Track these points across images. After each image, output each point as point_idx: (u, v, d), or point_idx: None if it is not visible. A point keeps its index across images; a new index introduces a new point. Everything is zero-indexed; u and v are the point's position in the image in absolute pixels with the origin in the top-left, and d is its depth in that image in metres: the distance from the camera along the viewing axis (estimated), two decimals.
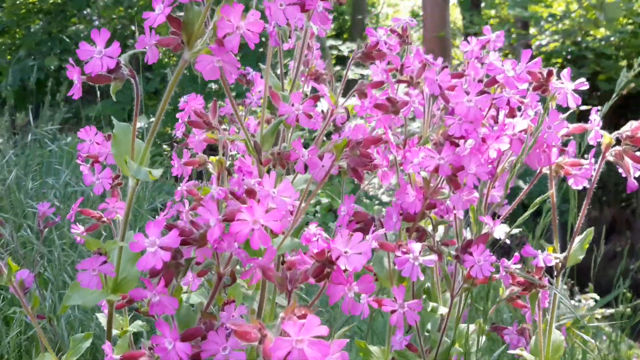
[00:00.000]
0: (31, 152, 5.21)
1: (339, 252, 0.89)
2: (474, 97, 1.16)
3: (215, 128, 1.52)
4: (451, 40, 7.31)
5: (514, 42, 8.10)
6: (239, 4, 0.97)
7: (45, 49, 8.29)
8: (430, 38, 7.25)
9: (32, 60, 8.37)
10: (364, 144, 1.21)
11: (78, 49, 1.08)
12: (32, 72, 8.22)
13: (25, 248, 2.88)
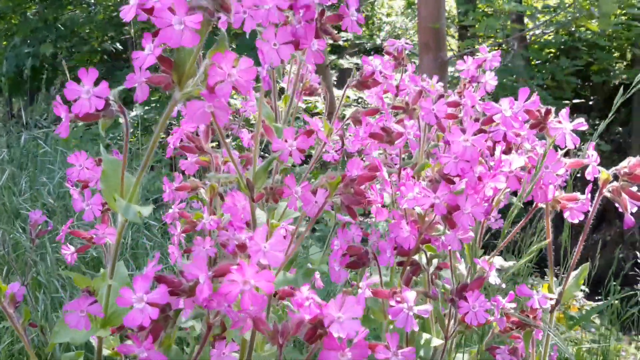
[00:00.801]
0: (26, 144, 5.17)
1: (331, 319, 0.87)
2: (470, 136, 1.13)
3: (207, 152, 1.49)
4: (445, 31, 7.23)
5: (509, 33, 8.05)
6: (231, 52, 0.95)
7: (40, 35, 8.20)
8: (425, 28, 7.18)
9: (27, 47, 8.29)
10: (358, 181, 1.19)
11: (65, 88, 1.05)
12: (28, 59, 8.15)
13: (17, 251, 2.85)
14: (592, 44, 10.10)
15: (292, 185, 1.19)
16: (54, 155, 4.89)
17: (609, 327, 3.52)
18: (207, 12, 0.97)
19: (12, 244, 3.06)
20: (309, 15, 1.10)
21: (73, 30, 8.50)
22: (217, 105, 0.97)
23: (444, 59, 7.31)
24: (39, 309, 2.44)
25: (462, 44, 8.07)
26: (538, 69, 9.91)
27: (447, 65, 7.55)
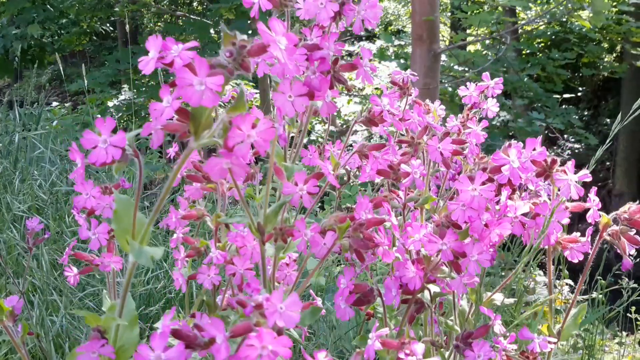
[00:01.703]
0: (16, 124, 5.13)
1: None
2: (479, 186, 1.16)
3: (212, 181, 1.51)
4: (439, 24, 7.23)
5: (502, 28, 8.06)
6: (250, 114, 0.96)
7: (28, 16, 8.12)
8: (419, 22, 7.17)
9: (14, 28, 8.20)
10: (367, 225, 1.21)
11: (82, 138, 1.06)
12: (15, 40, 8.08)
13: (11, 253, 2.85)
14: (583, 36, 10.16)
15: (302, 228, 1.21)
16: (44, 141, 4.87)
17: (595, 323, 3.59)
18: (227, 70, 0.98)
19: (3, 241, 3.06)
20: (324, 67, 1.11)
21: (62, 11, 8.41)
22: (236, 162, 0.98)
23: (437, 51, 7.32)
24: (34, 314, 2.45)
25: (456, 37, 8.07)
26: (529, 61, 9.95)
27: (440, 57, 7.56)
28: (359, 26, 1.12)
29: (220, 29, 1.01)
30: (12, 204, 3.30)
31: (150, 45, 1.02)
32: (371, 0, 1.12)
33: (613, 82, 12.78)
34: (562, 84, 10.20)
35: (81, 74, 11.71)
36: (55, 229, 3.38)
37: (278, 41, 0.95)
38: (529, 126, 8.33)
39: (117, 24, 11.82)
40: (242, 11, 7.75)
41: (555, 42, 10.99)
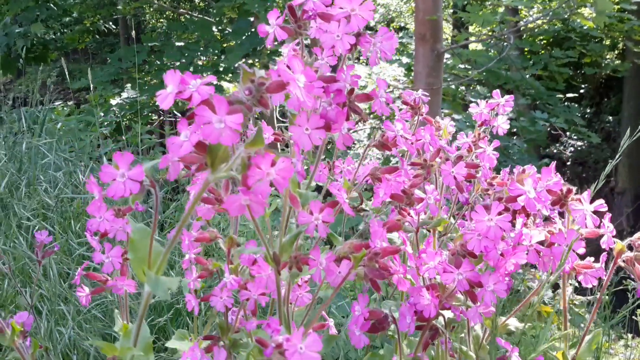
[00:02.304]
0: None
1: None
2: (495, 217, 1.16)
3: (223, 202, 1.50)
4: (442, 23, 7.21)
5: (505, 27, 8.05)
6: (270, 154, 0.96)
7: (31, 15, 8.10)
8: (422, 20, 7.15)
9: (18, 27, 8.19)
10: (382, 255, 1.21)
11: (100, 171, 1.06)
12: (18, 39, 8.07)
13: (17, 262, 2.86)
14: (584, 35, 10.14)
15: (317, 256, 1.21)
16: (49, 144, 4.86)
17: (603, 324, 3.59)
18: (245, 106, 0.98)
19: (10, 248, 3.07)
20: (340, 99, 1.11)
21: (65, 9, 8.40)
22: (254, 200, 0.98)
23: (440, 51, 7.31)
24: (43, 325, 2.46)
25: (459, 37, 8.06)
26: (532, 59, 9.93)
27: (443, 56, 7.55)
28: (375, 58, 1.12)
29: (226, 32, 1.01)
30: (17, 209, 3.30)
31: (168, 80, 1.02)
32: (387, 33, 1.11)
33: (615, 79, 12.78)
34: (564, 82, 10.19)
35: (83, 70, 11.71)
36: (61, 234, 3.38)
37: (297, 79, 0.95)
38: (532, 125, 8.32)
39: (119, 20, 11.81)
40: (244, 10, 7.73)
41: (557, 41, 10.97)
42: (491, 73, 8.55)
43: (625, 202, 12.78)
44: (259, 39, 7.95)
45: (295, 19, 1.20)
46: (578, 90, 12.95)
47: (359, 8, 1.08)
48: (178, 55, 8.25)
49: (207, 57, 8.52)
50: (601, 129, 14.34)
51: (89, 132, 6.66)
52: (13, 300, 2.73)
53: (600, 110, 14.76)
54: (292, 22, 1.20)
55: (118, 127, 8.08)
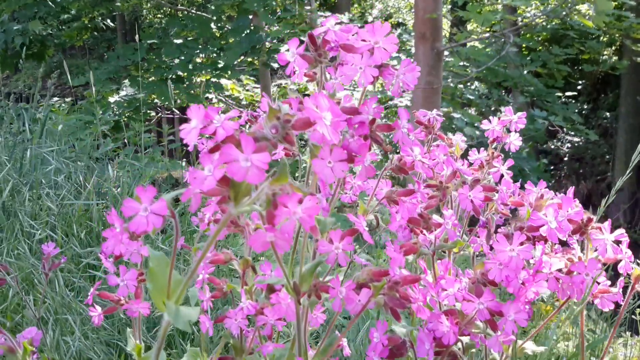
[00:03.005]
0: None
1: None
2: (517, 247, 1.16)
3: (242, 227, 1.50)
4: (442, 22, 7.20)
5: (505, 26, 8.05)
6: (297, 193, 0.95)
7: (30, 12, 8.07)
8: (422, 19, 7.14)
9: (16, 24, 8.15)
10: (403, 283, 1.21)
11: (123, 206, 1.05)
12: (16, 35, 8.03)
13: (21, 272, 2.85)
14: (583, 32, 10.14)
15: (337, 285, 1.21)
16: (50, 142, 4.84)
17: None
18: (271, 143, 0.98)
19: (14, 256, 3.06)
20: (363, 131, 1.11)
21: (63, 6, 8.36)
22: (280, 237, 0.98)
23: (440, 49, 7.31)
24: (49, 336, 2.45)
25: (459, 36, 8.05)
26: (530, 56, 9.94)
27: (443, 55, 7.55)
28: (398, 89, 1.12)
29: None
30: (21, 215, 3.29)
31: (192, 114, 1.01)
32: (409, 65, 1.11)
33: (613, 75, 12.80)
34: (562, 79, 10.19)
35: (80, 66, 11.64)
36: (63, 238, 3.38)
37: (324, 117, 0.95)
38: (531, 123, 8.33)
39: (117, 17, 11.77)
40: (244, 9, 7.71)
41: (555, 38, 10.97)
42: (490, 71, 8.56)
43: (622, 198, 12.84)
44: (257, 36, 7.93)
45: (315, 47, 1.19)
46: (576, 87, 12.96)
47: (383, 41, 1.07)
48: (177, 52, 8.23)
49: (206, 54, 8.51)
50: (598, 125, 14.37)
51: (88, 131, 6.64)
52: (17, 309, 2.72)
53: (597, 107, 14.79)
54: (312, 51, 1.20)
55: (117, 125, 8.07)
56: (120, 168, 4.94)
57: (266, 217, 1.01)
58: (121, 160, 5.60)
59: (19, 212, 3.50)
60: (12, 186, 3.62)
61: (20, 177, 4.01)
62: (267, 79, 9.57)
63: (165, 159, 7.15)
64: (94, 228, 3.59)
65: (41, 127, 4.52)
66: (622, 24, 8.87)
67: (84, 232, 3.24)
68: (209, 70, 8.12)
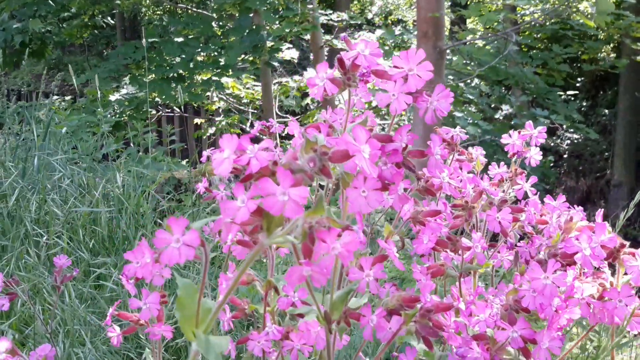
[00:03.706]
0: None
1: None
2: (551, 274, 1.14)
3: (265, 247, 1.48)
4: (444, 21, 7.18)
5: (508, 26, 8.03)
6: (336, 228, 0.93)
7: (30, 11, 8.02)
8: (424, 18, 7.12)
9: (16, 22, 8.11)
10: (435, 311, 1.19)
11: (155, 238, 1.03)
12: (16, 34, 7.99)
13: (30, 282, 2.82)
14: (583, 32, 10.11)
15: (367, 313, 1.19)
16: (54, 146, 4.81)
17: None
18: (306, 174, 0.96)
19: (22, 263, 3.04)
20: (397, 158, 1.09)
21: (63, 4, 8.31)
22: (317, 271, 0.96)
23: (442, 48, 7.28)
24: (59, 348, 2.43)
25: (462, 34, 8.03)
26: (531, 55, 9.91)
27: (445, 53, 7.52)
28: (431, 116, 1.09)
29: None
30: (28, 224, 3.27)
31: (224, 144, 0.99)
32: (443, 91, 1.09)
33: (611, 73, 12.79)
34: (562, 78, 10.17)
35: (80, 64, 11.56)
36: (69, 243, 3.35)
37: (363, 150, 0.93)
38: (534, 122, 8.30)
39: (116, 14, 11.71)
40: (246, 7, 7.68)
41: (555, 37, 10.94)
42: (491, 69, 8.53)
43: (620, 194, 12.83)
44: (259, 36, 7.90)
45: (344, 71, 1.17)
46: (575, 85, 12.94)
47: (417, 68, 1.05)
48: (178, 51, 8.20)
49: (207, 53, 8.47)
50: (597, 122, 14.36)
51: (90, 130, 6.61)
52: (27, 321, 2.70)
53: (596, 104, 14.79)
54: (341, 74, 1.18)
55: (117, 124, 8.03)
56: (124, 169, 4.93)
57: (302, 250, 0.99)
58: (124, 160, 5.58)
59: (24, 217, 3.48)
60: (12, 189, 3.59)
61: (24, 180, 3.98)
62: (268, 77, 9.53)
63: (168, 159, 7.12)
64: (100, 233, 3.57)
65: (45, 129, 4.49)
66: (621, 22, 8.85)
67: (90, 238, 3.21)
68: (210, 69, 8.08)
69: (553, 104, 9.47)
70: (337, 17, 9.43)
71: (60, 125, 5.53)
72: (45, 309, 2.74)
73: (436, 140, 1.13)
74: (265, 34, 7.98)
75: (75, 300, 2.59)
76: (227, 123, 10.09)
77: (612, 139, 13.75)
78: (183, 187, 6.79)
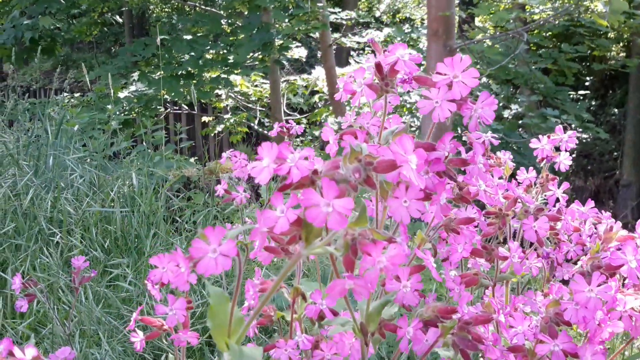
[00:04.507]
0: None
1: None
2: (595, 287, 1.11)
3: (291, 253, 1.45)
4: (455, 20, 7.13)
5: (519, 25, 7.98)
6: (382, 242, 0.90)
7: (40, 8, 8.00)
8: (435, 17, 7.08)
9: (26, 19, 8.09)
10: (474, 324, 1.16)
11: (191, 247, 1.01)
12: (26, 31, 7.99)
13: (48, 282, 2.80)
14: (593, 31, 10.03)
15: (404, 325, 1.16)
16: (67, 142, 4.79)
17: None
18: (349, 185, 0.93)
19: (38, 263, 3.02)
20: (439, 167, 1.06)
21: (73, 2, 8.29)
22: (360, 284, 0.93)
23: (453, 47, 7.24)
24: (76, 349, 2.41)
25: (473, 33, 7.98)
26: (540, 54, 9.84)
27: (456, 52, 7.47)
28: (475, 124, 1.06)
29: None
30: (44, 224, 3.25)
31: (263, 153, 0.96)
32: (488, 99, 1.05)
33: (621, 72, 12.70)
34: (572, 76, 10.10)
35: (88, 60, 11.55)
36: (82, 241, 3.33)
37: (410, 161, 0.89)
38: (543, 122, 8.26)
39: (124, 11, 11.68)
40: (255, 5, 7.64)
41: (565, 35, 10.88)
42: (500, 68, 8.48)
43: (630, 195, 12.75)
44: (268, 34, 7.86)
45: (382, 77, 1.14)
46: (584, 84, 12.87)
47: (462, 75, 1.02)
48: (187, 49, 8.17)
49: (216, 50, 8.44)
50: (606, 121, 14.27)
51: (101, 128, 6.59)
52: (41, 320, 2.68)
53: (605, 103, 14.69)
54: (378, 80, 1.15)
55: (127, 121, 8.01)
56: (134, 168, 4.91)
57: (344, 262, 0.96)
58: (134, 158, 5.56)
59: (38, 216, 3.46)
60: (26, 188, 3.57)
61: (37, 178, 3.96)
62: (277, 75, 9.50)
63: (177, 157, 7.10)
64: (112, 232, 3.55)
65: (57, 128, 4.47)
66: (632, 22, 8.78)
67: (103, 237, 3.19)
68: (219, 67, 8.05)
69: (562, 103, 9.41)
70: (347, 16, 9.39)
71: (72, 123, 5.51)
72: (60, 309, 2.72)
73: (479, 149, 1.10)
74: (274, 32, 7.94)
75: (92, 301, 2.57)
76: (235, 121, 10.07)
77: (622, 139, 13.67)
78: (192, 184, 6.77)
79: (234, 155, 2.16)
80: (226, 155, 2.21)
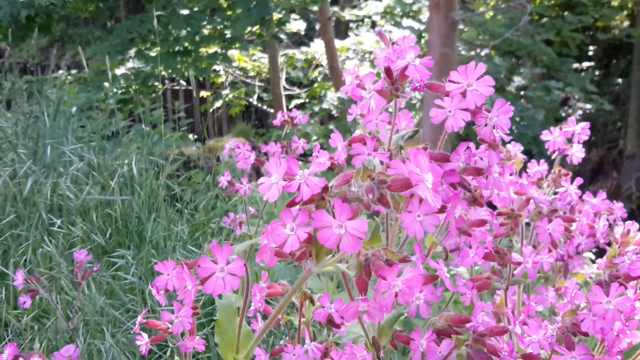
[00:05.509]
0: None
1: None
2: (614, 299, 1.07)
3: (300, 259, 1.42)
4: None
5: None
6: (397, 266, 0.86)
7: None
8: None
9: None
10: (489, 336, 1.13)
11: (198, 267, 0.97)
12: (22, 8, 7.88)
13: (49, 271, 2.78)
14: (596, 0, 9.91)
15: (417, 338, 1.13)
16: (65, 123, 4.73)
17: None
18: (362, 203, 0.89)
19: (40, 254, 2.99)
20: (454, 179, 1.02)
21: None
22: (374, 307, 0.90)
23: (454, 19, 7.14)
24: (80, 342, 2.39)
25: (475, 5, 7.86)
26: (543, 25, 9.73)
27: (457, 24, 7.38)
28: (490, 132, 1.02)
29: None
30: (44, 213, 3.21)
31: (272, 168, 0.92)
32: (503, 106, 1.01)
33: (624, 42, 12.55)
34: (576, 47, 9.99)
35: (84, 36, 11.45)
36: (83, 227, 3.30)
37: (426, 180, 0.85)
38: (547, 95, 8.18)
39: None
40: None
41: (568, 6, 10.74)
42: (502, 40, 8.38)
43: (634, 166, 12.69)
44: (266, 8, 7.75)
45: (392, 81, 1.09)
46: (587, 54, 12.74)
47: (477, 83, 0.97)
48: (184, 24, 8.06)
49: (213, 26, 8.32)
50: (610, 91, 14.15)
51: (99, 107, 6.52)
52: (45, 309, 2.66)
53: (609, 73, 14.55)
54: (388, 85, 1.10)
55: (124, 99, 7.94)
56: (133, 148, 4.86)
57: (357, 283, 0.92)
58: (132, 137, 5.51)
59: (38, 203, 3.42)
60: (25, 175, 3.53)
61: (35, 164, 3.91)
62: (275, 49, 9.40)
63: (176, 134, 7.03)
64: (113, 217, 3.51)
65: (55, 108, 4.41)
66: None
67: (103, 221, 3.16)
68: (217, 42, 7.96)
69: (565, 75, 9.33)
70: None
71: (70, 104, 5.45)
72: (63, 299, 2.70)
73: (494, 158, 1.06)
74: (272, 6, 7.83)
75: (95, 293, 2.55)
76: (233, 96, 9.99)
77: (626, 109, 13.57)
78: (192, 163, 6.71)
79: (237, 146, 2.12)
80: (229, 146, 2.17)
